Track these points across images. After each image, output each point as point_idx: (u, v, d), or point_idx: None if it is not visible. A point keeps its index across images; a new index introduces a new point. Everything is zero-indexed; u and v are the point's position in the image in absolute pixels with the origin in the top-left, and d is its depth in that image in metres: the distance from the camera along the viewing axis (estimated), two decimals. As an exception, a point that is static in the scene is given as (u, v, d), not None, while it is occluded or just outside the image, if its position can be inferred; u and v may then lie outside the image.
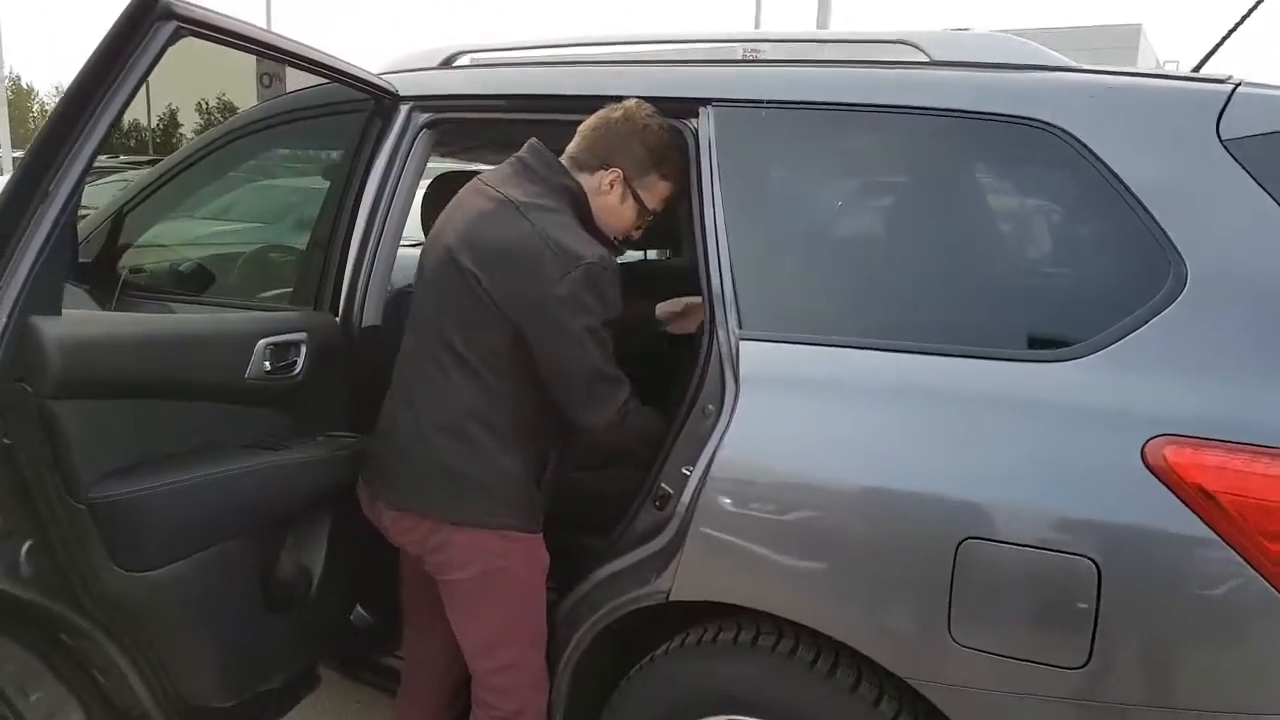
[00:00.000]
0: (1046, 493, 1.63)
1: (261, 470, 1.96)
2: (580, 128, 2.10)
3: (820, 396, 1.82)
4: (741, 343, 1.91)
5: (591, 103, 2.27)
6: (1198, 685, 1.58)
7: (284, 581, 2.11)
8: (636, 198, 2.09)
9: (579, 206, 2.03)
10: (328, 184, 2.69)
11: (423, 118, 2.47)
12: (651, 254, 4.79)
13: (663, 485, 2.02)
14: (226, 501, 1.88)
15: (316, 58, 2.09)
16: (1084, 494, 1.61)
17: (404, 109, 2.47)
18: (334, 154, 2.88)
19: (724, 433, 1.87)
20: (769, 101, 2.01)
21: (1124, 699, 1.60)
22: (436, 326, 1.97)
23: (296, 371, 2.12)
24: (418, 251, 3.49)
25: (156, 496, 1.74)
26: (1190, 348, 1.62)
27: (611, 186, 2.05)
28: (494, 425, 1.96)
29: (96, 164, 1.62)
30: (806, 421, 1.81)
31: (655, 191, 2.11)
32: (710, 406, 1.95)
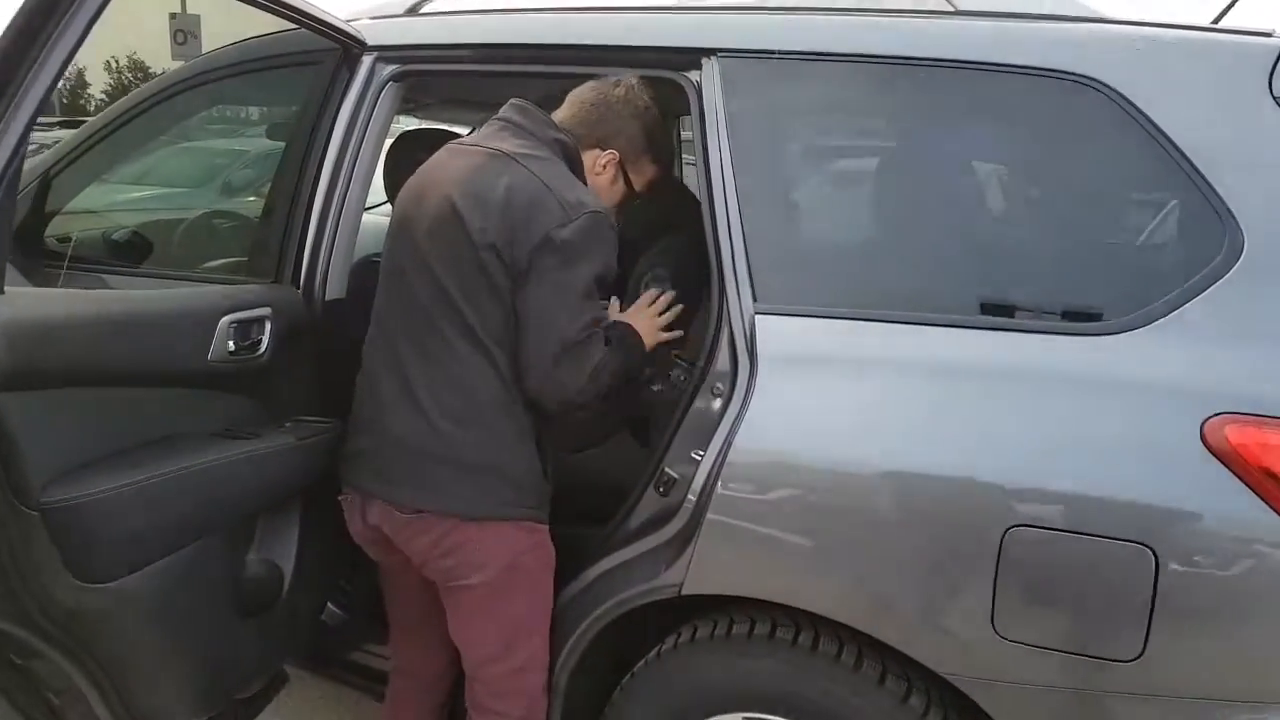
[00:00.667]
0: (1098, 476, 1.52)
1: (232, 462, 1.76)
2: (573, 97, 1.97)
3: (848, 375, 1.69)
4: (758, 317, 1.76)
5: (578, 53, 2.10)
6: (1258, 676, 1.49)
7: (255, 582, 1.93)
8: (627, 180, 2.00)
9: (571, 160, 1.89)
10: (281, 144, 2.47)
11: (388, 70, 2.26)
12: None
13: (667, 470, 1.89)
14: (196, 498, 1.69)
15: None
16: (1139, 476, 1.50)
17: (367, 60, 2.26)
18: (286, 110, 2.66)
19: (740, 415, 1.73)
20: (782, 52, 1.86)
21: (1180, 691, 1.51)
22: (436, 299, 1.76)
23: (261, 351, 1.93)
24: (378, 216, 3.32)
25: (118, 498, 1.54)
26: (1249, 319, 1.52)
27: (605, 168, 1.95)
28: (510, 407, 1.78)
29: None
30: (833, 402, 1.68)
31: (644, 175, 2.02)
32: (720, 385, 1.82)
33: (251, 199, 3.04)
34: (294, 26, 2.06)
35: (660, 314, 2.04)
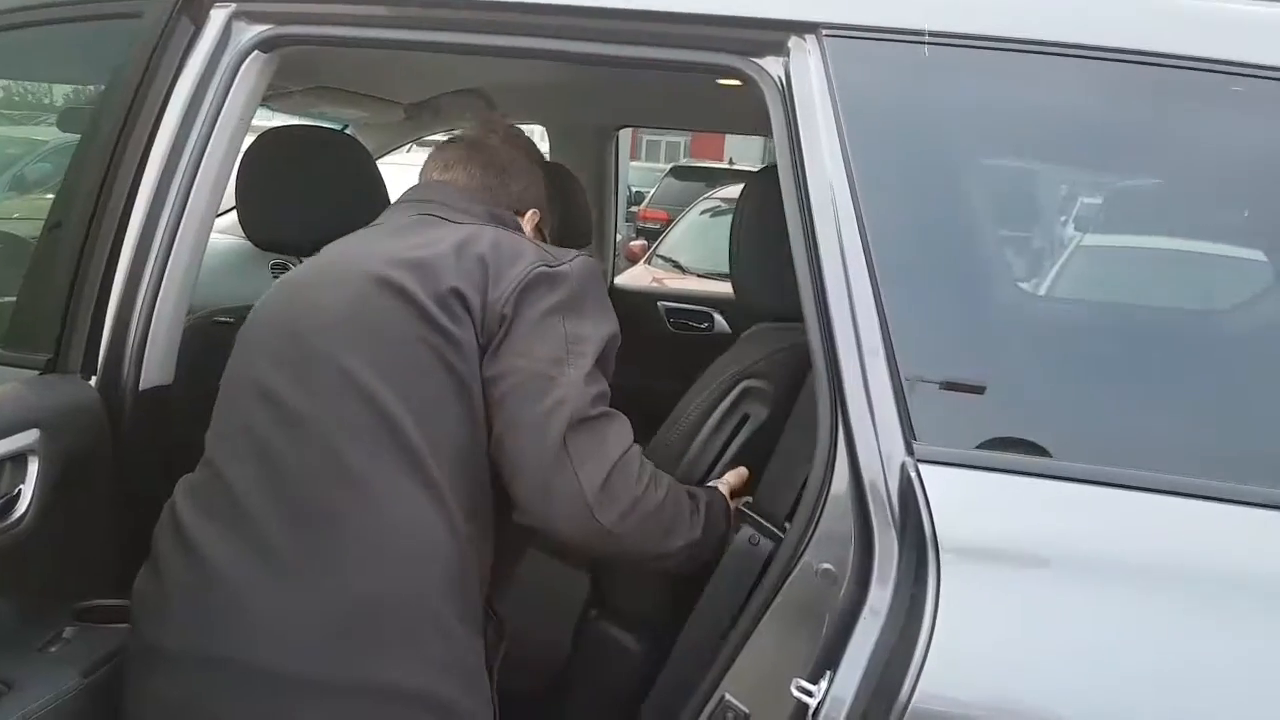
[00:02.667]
0: None
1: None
2: (453, 153, 1.47)
3: (1136, 588, 0.98)
4: (924, 469, 1.03)
5: (567, 18, 1.35)
6: None
7: None
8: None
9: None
10: (78, 136, 1.60)
11: (252, 33, 1.46)
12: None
13: (730, 700, 1.18)
14: None
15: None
16: None
17: (219, 15, 1.45)
18: (83, 91, 1.79)
19: (910, 628, 1.01)
20: (939, 35, 1.15)
21: None
22: (345, 410, 1.13)
23: (19, 515, 1.08)
24: (231, 241, 2.46)
25: None
26: None
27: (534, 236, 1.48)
28: (468, 597, 1.15)
29: None
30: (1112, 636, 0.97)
31: (553, 231, 1.64)
32: (829, 567, 1.12)
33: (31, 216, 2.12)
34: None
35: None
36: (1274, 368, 1.08)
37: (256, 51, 1.46)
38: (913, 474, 1.03)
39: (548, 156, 3.06)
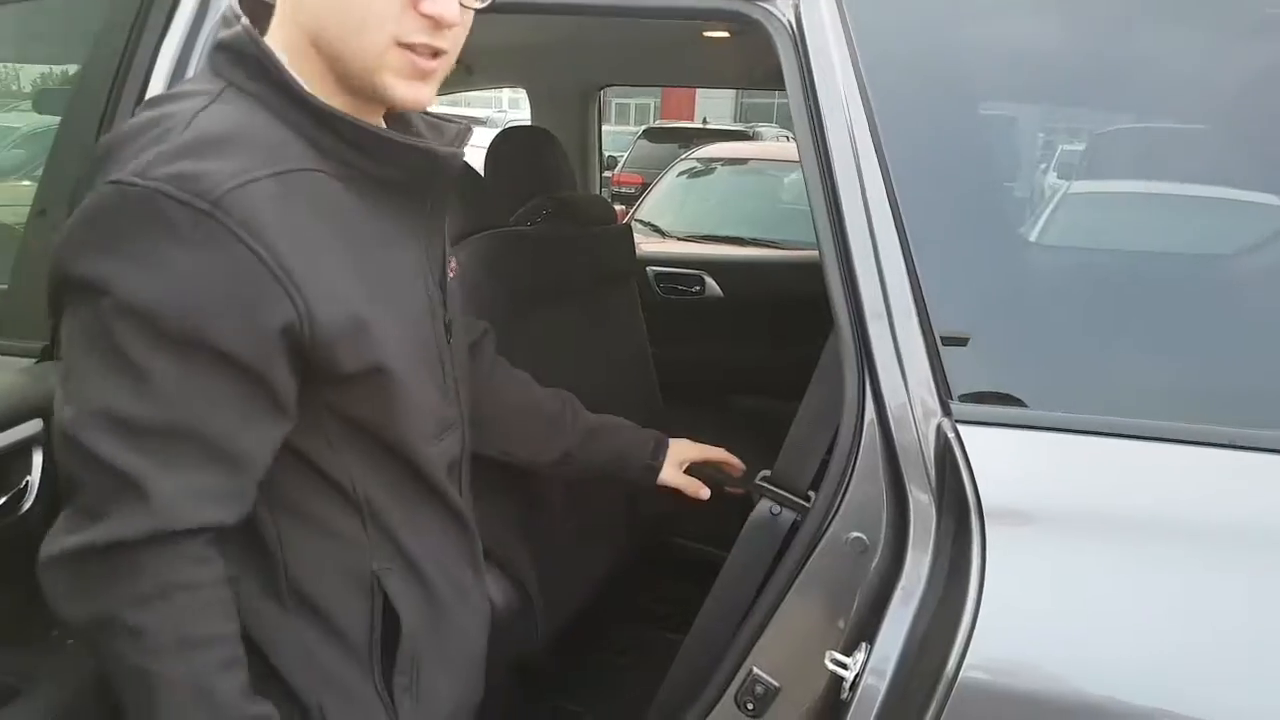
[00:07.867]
0: None
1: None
2: None
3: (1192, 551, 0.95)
4: (963, 429, 1.00)
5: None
6: None
7: None
8: None
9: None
10: (56, 118, 1.54)
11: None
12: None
13: (759, 673, 1.14)
14: None
15: None
16: None
17: (197, -13, 1.37)
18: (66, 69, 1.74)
19: (968, 600, 0.97)
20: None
21: None
22: None
23: (28, 506, 1.03)
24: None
25: None
26: None
27: None
28: None
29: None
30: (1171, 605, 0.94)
31: None
32: (862, 537, 1.09)
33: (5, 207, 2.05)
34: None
35: None
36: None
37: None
38: (951, 435, 1.00)
39: (529, 120, 2.99)
